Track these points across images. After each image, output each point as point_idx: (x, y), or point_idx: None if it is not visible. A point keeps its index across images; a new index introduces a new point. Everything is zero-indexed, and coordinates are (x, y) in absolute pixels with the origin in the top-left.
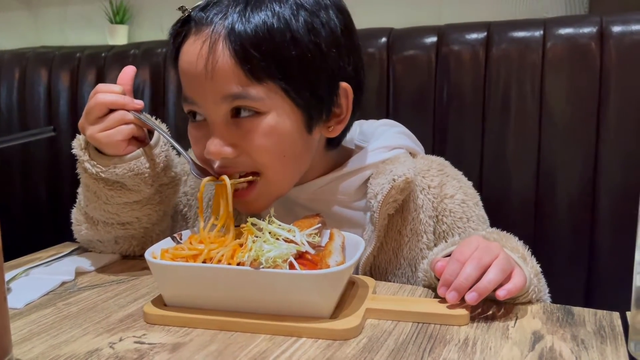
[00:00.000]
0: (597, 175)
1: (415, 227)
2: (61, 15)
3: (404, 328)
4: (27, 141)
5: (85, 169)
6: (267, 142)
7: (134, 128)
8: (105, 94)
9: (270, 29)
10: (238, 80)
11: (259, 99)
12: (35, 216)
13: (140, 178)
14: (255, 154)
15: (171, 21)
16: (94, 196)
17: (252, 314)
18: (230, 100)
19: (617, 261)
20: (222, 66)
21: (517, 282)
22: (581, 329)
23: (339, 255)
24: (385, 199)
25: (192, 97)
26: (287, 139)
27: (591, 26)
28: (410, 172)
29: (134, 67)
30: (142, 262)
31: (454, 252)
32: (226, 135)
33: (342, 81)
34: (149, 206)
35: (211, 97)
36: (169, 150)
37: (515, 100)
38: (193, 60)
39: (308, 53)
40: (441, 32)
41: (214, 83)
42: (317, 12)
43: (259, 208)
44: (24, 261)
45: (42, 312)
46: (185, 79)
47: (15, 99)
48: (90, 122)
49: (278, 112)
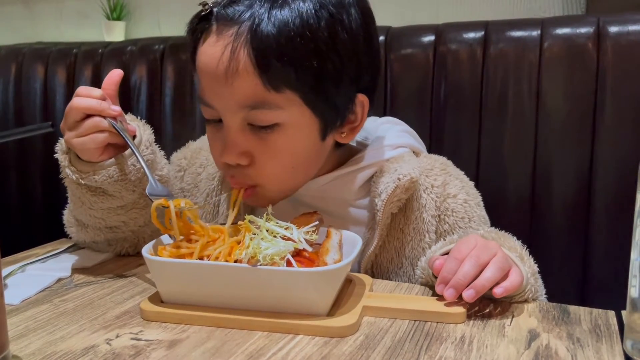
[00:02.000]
0: (592, 175)
1: (418, 226)
2: (57, 11)
3: (400, 326)
4: (24, 137)
5: (66, 174)
6: (281, 156)
7: (108, 136)
8: (82, 99)
9: (294, 38)
10: (257, 89)
11: (277, 108)
12: (31, 212)
13: (121, 185)
14: (268, 166)
15: (168, 18)
16: (78, 201)
17: (249, 311)
18: (248, 109)
19: (613, 259)
20: (243, 74)
21: (514, 280)
22: (577, 328)
23: (336, 252)
24: (389, 198)
25: (209, 101)
26: (301, 152)
27: (588, 26)
28: (415, 171)
29: (121, 71)
30: (139, 259)
31: (452, 250)
32: (242, 143)
33: (359, 92)
34: (135, 210)
35: (229, 104)
36: (155, 152)
37: (513, 99)
38: (213, 63)
39: (329, 64)
40: (439, 31)
41: (232, 90)
42: (340, 13)
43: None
44: (20, 257)
45: (39, 308)
46: (204, 81)
47: (11, 95)
48: (67, 127)
49: (295, 122)
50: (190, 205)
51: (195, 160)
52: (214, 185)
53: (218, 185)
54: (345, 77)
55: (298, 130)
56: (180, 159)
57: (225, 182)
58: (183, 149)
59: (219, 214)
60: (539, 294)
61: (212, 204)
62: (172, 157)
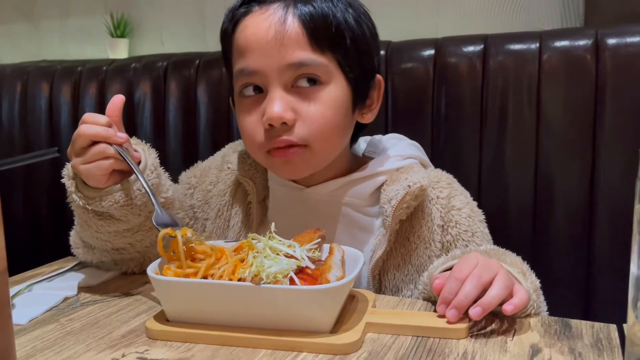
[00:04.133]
0: (594, 186)
1: (423, 234)
2: (62, 29)
3: (403, 342)
4: (31, 162)
5: (73, 199)
6: (325, 111)
7: (114, 162)
8: (89, 126)
9: (330, 8)
10: (305, 49)
11: (323, 67)
12: (36, 230)
13: (127, 209)
14: (313, 121)
15: (172, 35)
16: (85, 224)
17: (253, 329)
18: (295, 68)
19: (617, 271)
20: (292, 34)
21: (522, 297)
22: (578, 342)
23: (338, 270)
24: (399, 205)
25: (256, 67)
26: (341, 112)
27: (586, 39)
28: (425, 180)
29: (123, 97)
30: (144, 277)
31: (453, 269)
32: (288, 101)
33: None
34: (141, 232)
35: (277, 65)
36: (160, 176)
37: (513, 111)
38: (262, 30)
39: (360, 35)
40: (439, 44)
41: (282, 50)
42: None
43: (297, 174)
44: (26, 276)
45: (46, 328)
46: (249, 50)
47: (16, 113)
48: (74, 153)
49: (335, 84)
50: (196, 236)
51: (205, 178)
52: (225, 200)
53: (229, 200)
54: (371, 50)
55: (337, 90)
56: (190, 177)
57: (238, 195)
58: (192, 168)
59: (229, 228)
60: (541, 309)
61: (223, 219)
62: (180, 177)
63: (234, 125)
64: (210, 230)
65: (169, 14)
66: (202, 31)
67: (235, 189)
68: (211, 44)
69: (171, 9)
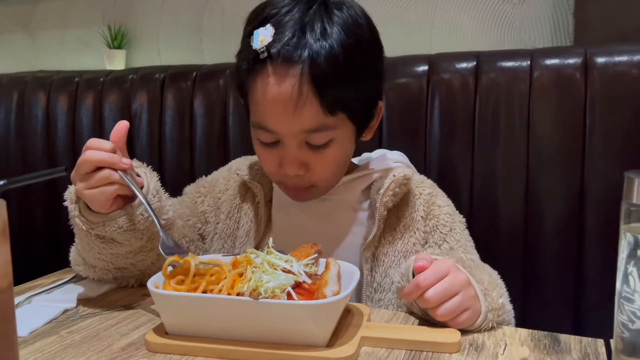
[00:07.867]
0: (583, 200)
1: (408, 224)
2: (59, 39)
3: (397, 356)
4: (38, 181)
5: (76, 223)
6: (333, 164)
7: (118, 188)
8: (94, 152)
9: (342, 67)
10: (318, 115)
11: (332, 129)
12: (31, 244)
13: (130, 234)
14: (324, 169)
15: (169, 47)
16: (87, 246)
17: (251, 342)
18: (308, 133)
19: (606, 285)
20: (307, 105)
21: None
22: (567, 356)
23: (334, 284)
24: (385, 192)
25: (274, 128)
26: (348, 152)
27: (576, 57)
28: (409, 172)
29: (127, 123)
30: (142, 289)
31: (418, 276)
32: (300, 158)
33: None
34: (142, 254)
35: (293, 130)
36: (161, 199)
37: (504, 127)
38: (283, 99)
39: (371, 81)
40: (432, 60)
41: (299, 119)
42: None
43: (304, 201)
44: (25, 288)
45: (46, 340)
46: (270, 112)
47: (13, 123)
48: (79, 178)
49: (343, 136)
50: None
51: (215, 187)
52: (235, 203)
53: (239, 202)
54: (377, 91)
55: (345, 141)
56: (199, 186)
57: (247, 198)
58: (199, 181)
59: (239, 227)
60: (505, 323)
61: (234, 220)
62: (186, 189)
63: (230, 138)
64: (221, 230)
65: (166, 25)
66: (199, 43)
67: (244, 193)
68: (208, 56)
69: (168, 21)
